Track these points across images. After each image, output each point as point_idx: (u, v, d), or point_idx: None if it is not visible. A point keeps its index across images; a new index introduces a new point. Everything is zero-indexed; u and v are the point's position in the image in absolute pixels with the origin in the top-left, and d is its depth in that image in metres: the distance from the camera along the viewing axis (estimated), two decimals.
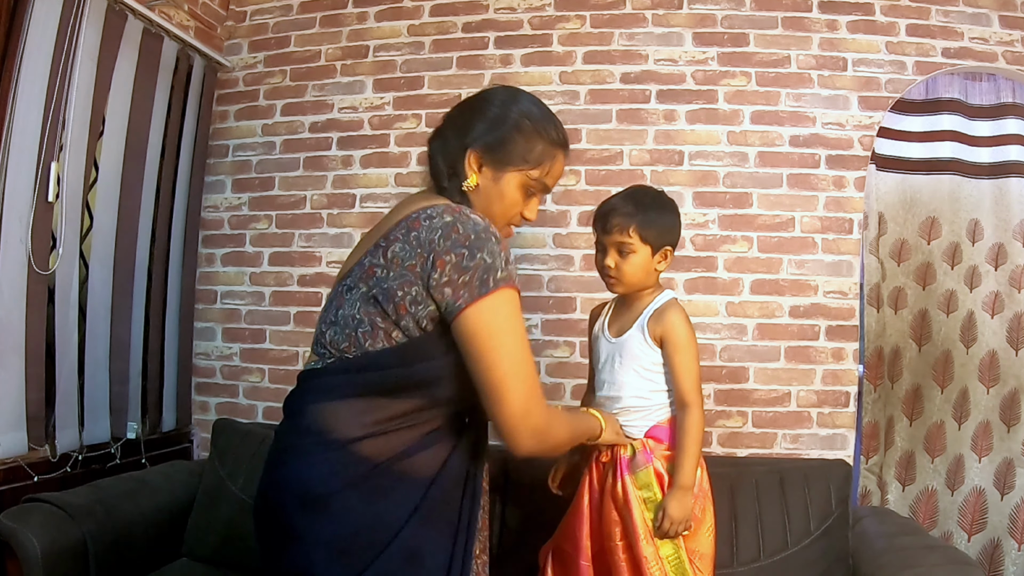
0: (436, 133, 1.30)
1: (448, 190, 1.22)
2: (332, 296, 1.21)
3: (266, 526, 1.17)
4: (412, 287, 1.09)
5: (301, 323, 2.67)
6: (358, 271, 1.15)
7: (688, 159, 2.46)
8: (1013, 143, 2.53)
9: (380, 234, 1.16)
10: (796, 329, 2.39)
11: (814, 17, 2.45)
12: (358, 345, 1.12)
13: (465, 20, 2.62)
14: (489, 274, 1.07)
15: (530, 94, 1.30)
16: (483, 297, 1.07)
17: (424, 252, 1.08)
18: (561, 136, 1.30)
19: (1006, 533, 2.44)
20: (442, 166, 1.24)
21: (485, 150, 1.22)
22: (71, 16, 2.02)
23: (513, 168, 1.23)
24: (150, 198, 2.46)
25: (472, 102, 1.29)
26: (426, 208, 1.13)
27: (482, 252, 1.07)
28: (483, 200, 1.24)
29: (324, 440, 1.10)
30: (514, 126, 1.23)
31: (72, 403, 2.17)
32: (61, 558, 1.73)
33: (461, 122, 1.26)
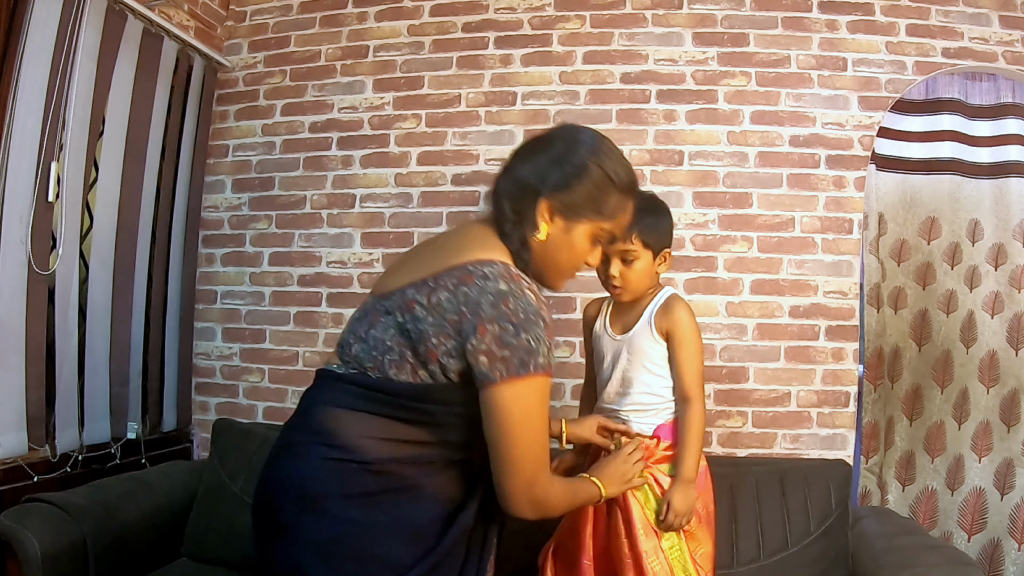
0: (506, 170, 1.25)
1: (510, 236, 1.18)
2: (367, 310, 1.20)
3: (260, 519, 1.18)
4: (449, 340, 1.09)
5: (301, 323, 2.67)
6: (399, 299, 1.14)
7: (688, 159, 2.46)
8: (1013, 143, 2.53)
9: (431, 270, 1.13)
10: (796, 329, 2.39)
11: (814, 17, 2.46)
12: (382, 370, 1.13)
13: (465, 20, 2.62)
14: (530, 357, 1.07)
15: (606, 139, 1.25)
16: (519, 378, 1.07)
17: (469, 312, 1.07)
18: (634, 185, 1.26)
19: (1006, 533, 2.44)
20: (508, 210, 1.19)
21: (560, 201, 1.18)
22: (71, 16, 2.02)
23: (586, 220, 1.20)
24: (150, 198, 2.46)
25: (548, 143, 1.24)
26: (483, 264, 1.10)
27: (528, 333, 1.07)
28: (550, 251, 1.21)
29: (329, 443, 1.11)
30: (591, 177, 1.19)
31: (72, 403, 2.17)
32: (61, 558, 1.73)
33: (535, 165, 1.21)
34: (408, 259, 1.25)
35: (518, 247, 1.18)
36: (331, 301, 2.65)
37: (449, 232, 1.29)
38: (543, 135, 1.27)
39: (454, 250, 1.16)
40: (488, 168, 2.56)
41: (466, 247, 1.15)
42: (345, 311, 2.62)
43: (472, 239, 1.18)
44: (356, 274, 2.64)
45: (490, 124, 2.57)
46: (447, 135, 2.60)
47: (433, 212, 2.59)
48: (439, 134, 2.60)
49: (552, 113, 2.53)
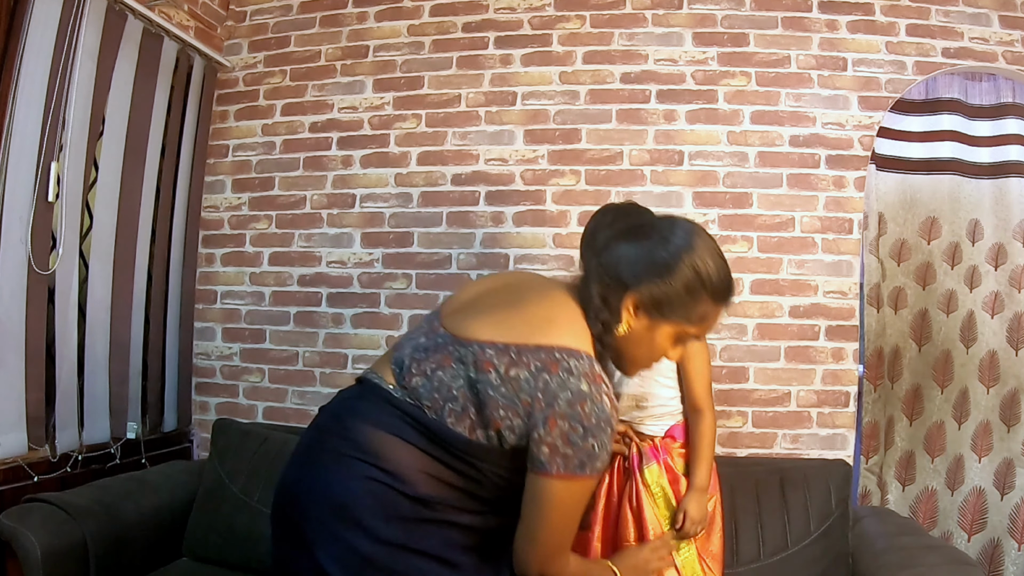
0: (600, 250, 1.21)
1: (594, 321, 1.17)
2: (437, 345, 1.17)
3: (284, 521, 1.16)
4: (516, 418, 1.09)
5: (301, 323, 2.67)
6: (476, 352, 1.12)
7: (688, 159, 2.46)
8: (1013, 143, 2.53)
9: (514, 338, 1.12)
10: (796, 329, 2.39)
11: (814, 17, 2.45)
12: (439, 413, 1.12)
13: (465, 20, 2.62)
14: (590, 461, 1.08)
15: (708, 238, 1.19)
16: (574, 478, 1.08)
17: (544, 401, 1.07)
18: (729, 292, 1.20)
19: (1006, 533, 2.44)
20: (595, 295, 1.17)
21: (647, 299, 1.15)
22: (71, 16, 2.02)
23: (672, 322, 1.17)
24: (150, 198, 2.46)
25: (646, 233, 1.19)
26: (570, 356, 1.09)
27: (595, 439, 1.07)
28: (630, 344, 1.19)
29: (378, 466, 1.10)
30: (684, 282, 1.14)
31: (72, 403, 2.17)
32: (61, 558, 1.73)
33: (628, 256, 1.17)
34: (487, 301, 1.22)
35: (600, 332, 1.17)
36: (331, 301, 2.65)
37: (535, 288, 1.24)
38: (643, 224, 1.22)
39: (543, 323, 1.14)
40: (488, 168, 2.56)
41: (555, 324, 1.14)
42: (345, 311, 2.62)
43: (560, 313, 1.17)
44: (356, 274, 2.63)
45: (490, 124, 2.57)
46: (447, 135, 2.60)
47: (433, 212, 2.59)
48: (439, 134, 2.60)
49: (552, 113, 2.53)
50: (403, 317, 2.58)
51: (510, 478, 1.14)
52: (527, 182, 2.54)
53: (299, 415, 2.60)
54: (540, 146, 2.54)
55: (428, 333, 1.21)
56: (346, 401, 1.22)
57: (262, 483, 2.15)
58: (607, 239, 1.22)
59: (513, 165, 2.55)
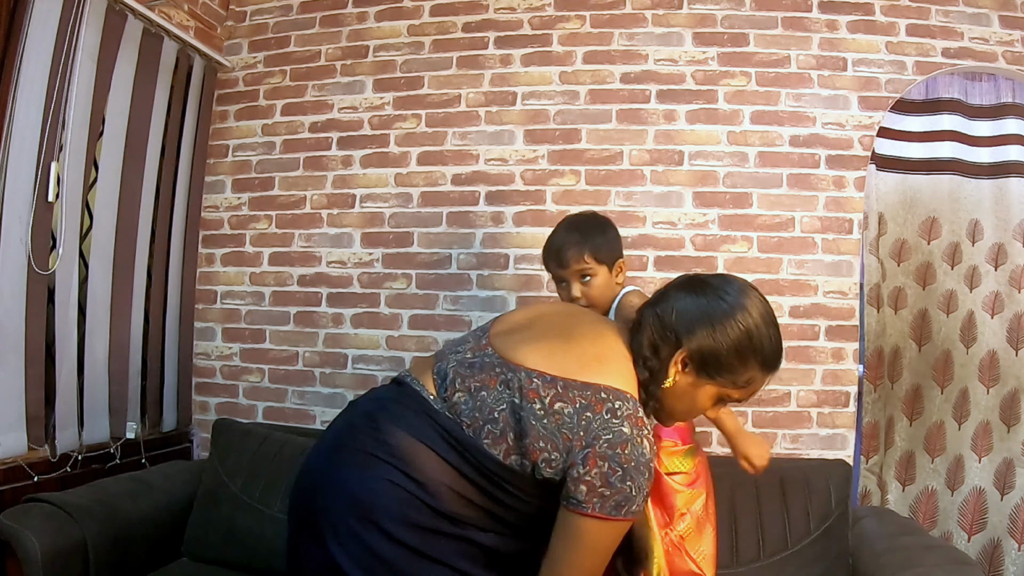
0: (657, 299, 1.22)
1: (641, 368, 1.17)
2: (483, 364, 1.18)
3: (303, 513, 1.16)
4: (555, 452, 1.10)
5: (301, 323, 2.67)
6: (524, 379, 1.13)
7: (688, 159, 2.46)
8: (1013, 143, 2.53)
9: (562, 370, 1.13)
10: (796, 329, 2.38)
11: (814, 17, 2.45)
12: (477, 433, 1.13)
13: (465, 20, 2.62)
14: (626, 504, 1.08)
15: (763, 303, 1.19)
16: (609, 519, 1.08)
17: (586, 439, 1.08)
18: (778, 362, 1.20)
19: (1006, 533, 2.44)
20: (646, 343, 1.18)
21: (697, 356, 1.16)
22: (71, 16, 2.02)
23: (716, 381, 1.17)
24: (150, 198, 2.46)
25: (704, 290, 1.19)
26: (616, 397, 1.10)
27: (633, 482, 1.07)
28: (672, 398, 1.19)
29: (407, 474, 1.10)
30: (736, 346, 1.14)
31: (72, 403, 2.17)
32: (61, 558, 1.73)
33: (687, 310, 1.17)
34: (541, 328, 1.23)
35: (647, 381, 1.17)
36: (331, 301, 2.65)
37: (588, 323, 1.25)
38: (705, 279, 1.23)
39: (591, 361, 1.15)
40: (488, 168, 2.56)
41: (603, 363, 1.15)
42: (345, 311, 2.62)
43: (610, 355, 1.17)
44: (356, 274, 2.63)
45: (490, 124, 2.57)
46: (447, 135, 2.60)
47: (433, 212, 2.59)
48: (439, 134, 2.60)
49: (552, 113, 2.54)
50: (403, 317, 2.58)
51: (537, 505, 1.14)
52: (527, 182, 2.54)
53: (299, 415, 2.60)
54: (540, 146, 2.54)
55: (475, 349, 1.22)
56: (382, 402, 1.22)
57: (262, 483, 2.15)
58: (666, 289, 1.23)
59: (513, 165, 2.55)
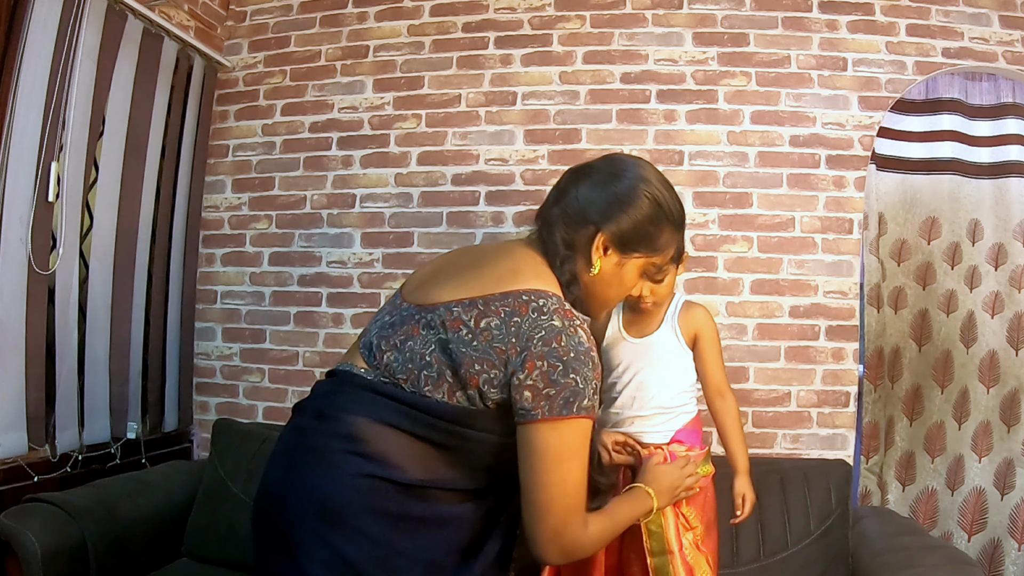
0: (556, 196, 1.22)
1: (560, 269, 1.16)
2: (403, 317, 1.15)
3: (265, 526, 1.12)
4: (492, 369, 1.06)
5: (301, 323, 2.67)
6: (443, 313, 1.10)
7: (688, 159, 2.46)
8: (1013, 143, 2.53)
9: (479, 291, 1.10)
10: (796, 329, 2.39)
11: (814, 17, 2.45)
12: (416, 385, 1.09)
13: (465, 20, 2.62)
14: (576, 399, 1.04)
15: (657, 171, 1.26)
16: (561, 419, 1.04)
17: (519, 345, 1.05)
18: (684, 218, 1.26)
19: (1006, 533, 2.44)
20: (559, 241, 1.17)
21: (615, 234, 1.17)
22: (71, 16, 2.02)
23: (638, 254, 1.20)
24: (150, 198, 2.46)
25: (599, 175, 1.21)
26: (538, 296, 1.08)
27: (576, 374, 1.04)
28: (600, 285, 1.20)
29: (367, 457, 1.06)
30: (646, 211, 1.18)
31: (72, 403, 2.17)
32: (61, 558, 1.73)
33: (590, 197, 1.18)
34: (449, 269, 1.21)
35: (569, 280, 1.16)
36: (331, 301, 2.65)
37: (494, 249, 1.24)
38: (592, 165, 1.25)
39: (506, 274, 1.13)
40: (488, 168, 2.56)
41: (518, 273, 1.13)
42: (345, 311, 2.62)
43: (524, 264, 1.15)
44: (356, 274, 2.63)
45: (490, 124, 2.57)
46: (447, 135, 2.60)
47: (433, 212, 2.59)
48: (439, 134, 2.60)
49: (552, 113, 2.54)
50: None
51: (502, 444, 1.10)
52: (527, 182, 2.54)
53: None
54: (540, 146, 2.54)
55: (391, 312, 1.20)
56: (322, 396, 1.18)
57: None
58: (560, 188, 1.23)
59: (513, 165, 2.55)
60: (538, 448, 1.05)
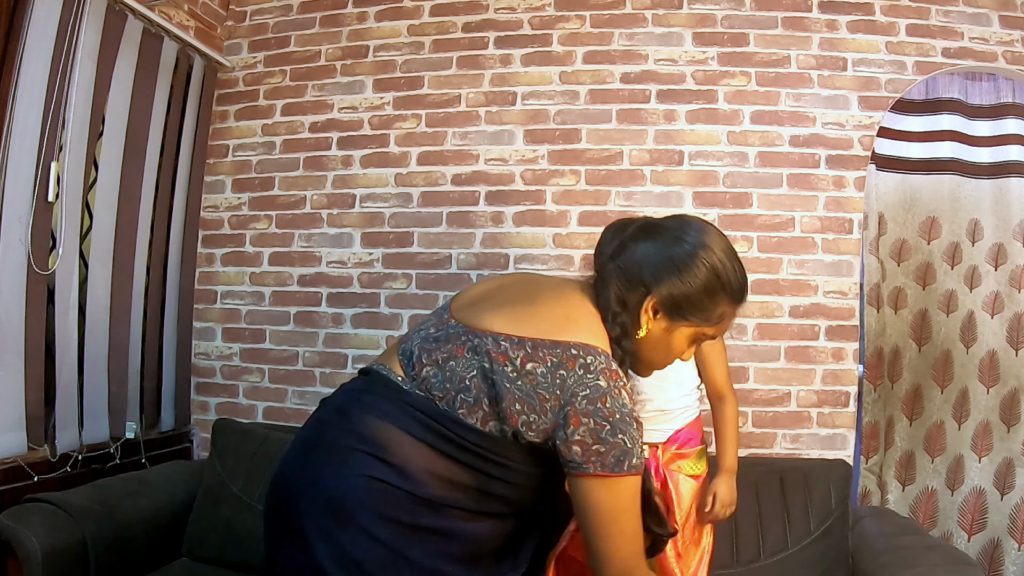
0: (616, 251, 1.19)
1: (611, 324, 1.14)
2: (449, 335, 1.14)
3: (277, 516, 1.13)
4: (532, 414, 1.06)
5: (301, 323, 2.66)
6: (491, 343, 1.09)
7: (688, 159, 2.46)
8: (1013, 143, 2.53)
9: (530, 331, 1.09)
10: (796, 329, 2.39)
11: (814, 17, 2.45)
12: (451, 405, 1.09)
13: (465, 20, 2.62)
14: (626, 458, 1.05)
15: (722, 238, 1.20)
16: (615, 476, 1.05)
17: (563, 399, 1.05)
18: (746, 292, 1.21)
19: (1006, 533, 2.44)
20: (612, 295, 1.15)
21: (668, 301, 1.14)
22: (71, 16, 2.01)
23: (689, 323, 1.17)
24: (150, 198, 2.46)
25: (664, 235, 1.18)
26: (587, 352, 1.07)
27: (624, 435, 1.05)
28: (647, 347, 1.18)
29: (383, 461, 1.06)
30: (704, 283, 1.14)
31: (72, 403, 2.17)
32: (61, 558, 1.73)
33: (645, 254, 1.16)
34: (502, 295, 1.20)
35: (618, 336, 1.14)
36: (331, 301, 2.65)
37: (551, 287, 1.22)
38: (661, 224, 1.21)
39: (559, 321, 1.11)
40: (488, 168, 2.56)
41: (571, 321, 1.12)
42: (345, 311, 2.62)
43: (578, 313, 1.14)
44: (356, 274, 2.63)
45: (490, 124, 2.57)
46: (447, 135, 2.60)
47: (433, 212, 2.59)
48: (439, 134, 2.60)
49: (552, 113, 2.53)
50: (403, 317, 2.58)
51: (527, 472, 1.11)
52: (527, 182, 2.54)
53: (299, 415, 2.59)
54: (540, 146, 2.54)
55: (438, 325, 1.18)
56: (351, 393, 1.18)
57: (262, 483, 2.15)
58: (622, 241, 1.21)
59: (513, 165, 2.55)
60: (593, 503, 1.07)
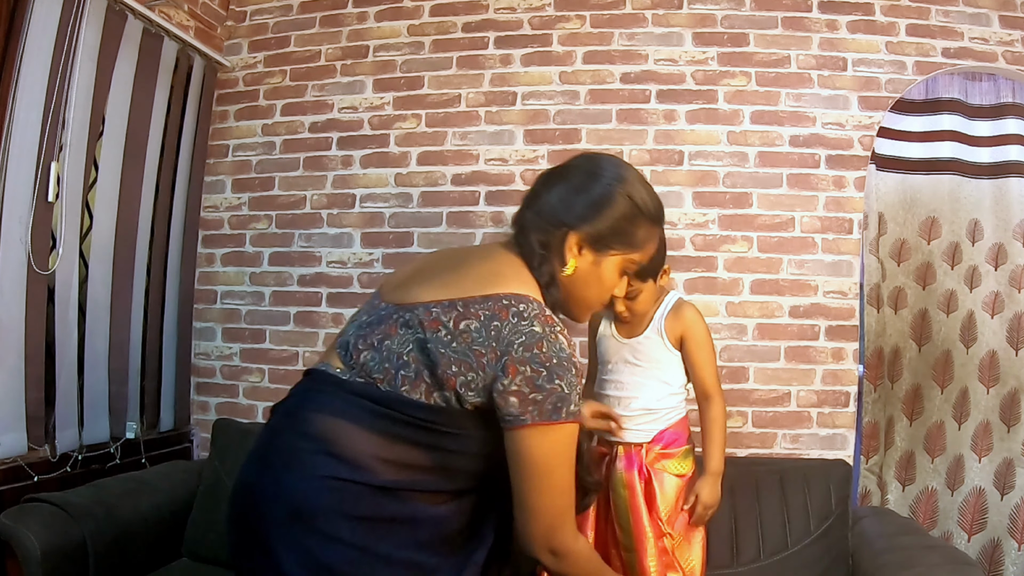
0: (529, 200, 1.22)
1: (539, 271, 1.14)
2: (381, 317, 1.14)
3: (240, 530, 1.11)
4: (470, 372, 1.05)
5: (301, 323, 2.67)
6: (422, 313, 1.08)
7: (688, 159, 2.46)
8: (1013, 143, 2.53)
9: (459, 292, 1.09)
10: (796, 329, 2.39)
11: (814, 17, 2.45)
12: (393, 384, 1.07)
13: (465, 20, 2.62)
14: (563, 404, 1.04)
15: (631, 167, 1.24)
16: (551, 423, 1.04)
17: (499, 349, 1.04)
18: (661, 213, 1.24)
19: (1006, 533, 2.44)
20: (536, 244, 1.16)
21: (588, 234, 1.15)
22: (71, 16, 2.02)
23: (615, 252, 1.18)
24: (150, 198, 2.46)
25: (573, 174, 1.21)
26: (519, 300, 1.07)
27: (561, 380, 1.04)
28: (578, 285, 1.18)
29: (336, 457, 1.05)
30: (620, 208, 1.16)
31: (72, 403, 2.17)
32: (61, 558, 1.73)
33: (561, 197, 1.18)
34: (428, 269, 1.20)
35: (547, 282, 1.14)
36: (331, 301, 2.65)
37: (474, 251, 1.24)
38: (566, 165, 1.24)
39: (486, 277, 1.11)
40: (488, 168, 2.56)
41: (499, 276, 1.11)
42: (345, 311, 2.62)
43: (504, 267, 1.14)
44: (356, 274, 2.63)
45: (490, 124, 2.57)
46: (447, 135, 2.60)
47: (433, 212, 2.59)
48: (439, 134, 2.60)
49: (552, 113, 2.54)
50: None
51: (479, 444, 1.09)
52: (527, 182, 2.53)
53: None
54: (540, 146, 2.54)
55: (369, 311, 1.18)
56: (297, 396, 1.17)
57: None
58: (534, 189, 1.23)
59: (513, 165, 2.55)
60: (528, 454, 1.05)
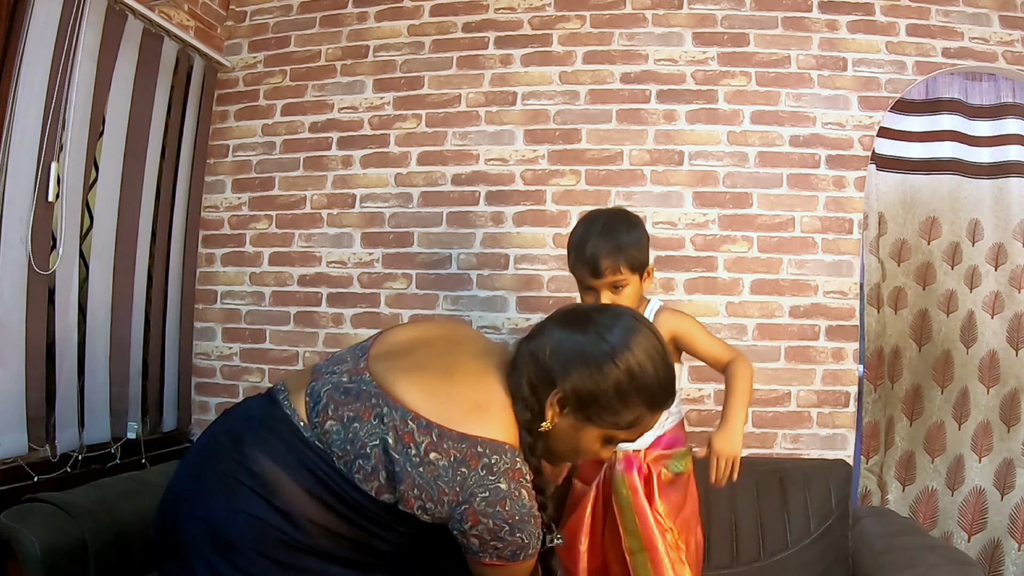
0: (534, 334, 1.16)
1: (520, 411, 1.09)
2: (360, 390, 1.10)
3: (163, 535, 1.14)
4: (429, 502, 1.05)
5: (301, 323, 2.67)
6: (398, 419, 1.06)
7: (688, 159, 2.46)
8: (1013, 143, 2.53)
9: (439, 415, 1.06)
10: (796, 329, 2.39)
11: (814, 17, 2.45)
12: (348, 467, 1.07)
13: (465, 20, 2.62)
14: (522, 551, 1.07)
15: (650, 337, 1.12)
16: (511, 564, 1.08)
17: (461, 496, 1.03)
18: (667, 399, 1.13)
19: (1006, 533, 2.44)
20: (524, 384, 1.10)
21: (575, 398, 1.09)
22: (71, 16, 2.01)
23: (598, 424, 1.11)
24: (150, 198, 2.46)
25: (585, 328, 1.11)
26: (493, 451, 1.04)
27: (522, 533, 1.05)
28: (556, 441, 1.13)
29: (270, 503, 1.06)
30: (616, 384, 1.07)
31: (72, 403, 2.17)
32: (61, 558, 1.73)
33: (560, 348, 1.10)
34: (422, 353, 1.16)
35: (527, 422, 1.10)
36: (331, 301, 2.65)
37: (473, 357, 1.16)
38: (589, 312, 1.17)
39: (471, 410, 1.07)
40: (488, 168, 2.56)
41: (482, 412, 1.08)
42: (345, 311, 2.62)
43: (491, 402, 1.10)
44: (356, 274, 2.64)
45: (490, 124, 2.57)
46: (447, 135, 2.60)
47: (433, 212, 2.59)
48: (439, 134, 2.60)
49: (552, 113, 2.54)
50: (403, 317, 2.58)
51: (409, 534, 1.11)
52: (527, 182, 2.54)
53: None
54: (540, 146, 2.54)
55: (351, 372, 1.14)
56: (251, 421, 1.14)
57: None
58: (542, 324, 1.17)
59: (513, 165, 2.55)
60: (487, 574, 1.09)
